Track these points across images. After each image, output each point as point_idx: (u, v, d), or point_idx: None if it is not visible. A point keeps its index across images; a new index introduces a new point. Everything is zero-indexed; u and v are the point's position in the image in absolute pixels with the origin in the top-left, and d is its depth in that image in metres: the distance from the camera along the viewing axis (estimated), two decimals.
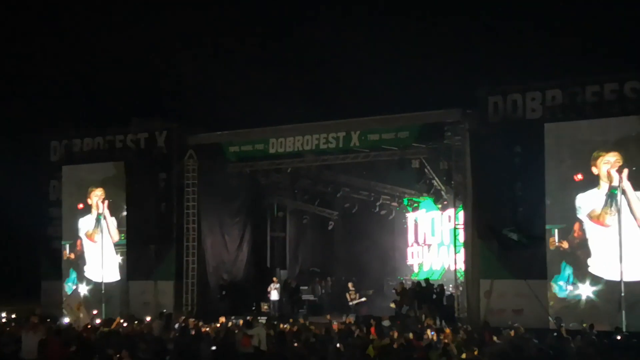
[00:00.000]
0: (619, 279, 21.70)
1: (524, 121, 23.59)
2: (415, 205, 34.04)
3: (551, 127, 22.99)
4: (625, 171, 21.76)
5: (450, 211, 27.95)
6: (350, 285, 30.05)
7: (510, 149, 23.62)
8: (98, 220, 30.03)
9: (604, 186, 22.23)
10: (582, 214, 22.55)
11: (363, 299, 29.84)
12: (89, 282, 30.23)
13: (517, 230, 22.95)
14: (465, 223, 24.88)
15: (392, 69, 38.72)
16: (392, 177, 31.63)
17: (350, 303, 29.31)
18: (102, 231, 29.77)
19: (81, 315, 25.62)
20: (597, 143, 22.34)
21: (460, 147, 24.95)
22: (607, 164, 22.16)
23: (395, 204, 34.34)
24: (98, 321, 25.74)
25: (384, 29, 41.27)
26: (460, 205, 25.33)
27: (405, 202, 34.18)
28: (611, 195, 22.06)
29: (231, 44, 40.93)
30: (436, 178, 28.95)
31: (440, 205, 31.54)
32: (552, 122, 23.03)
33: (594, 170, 22.40)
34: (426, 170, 28.46)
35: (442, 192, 29.79)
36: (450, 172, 26.05)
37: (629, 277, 21.57)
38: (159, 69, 39.91)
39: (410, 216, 34.63)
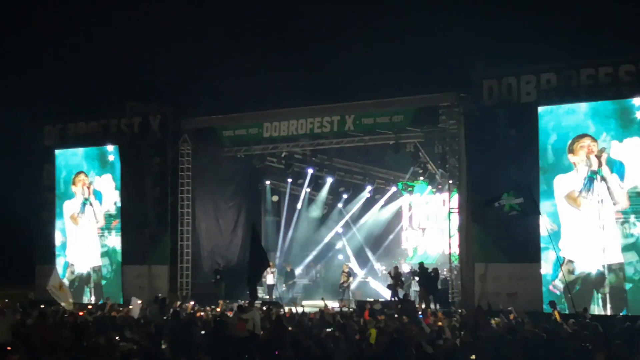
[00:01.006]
0: (592, 263, 22.07)
1: (519, 104, 23.57)
2: (410, 189, 34.00)
3: (545, 111, 22.98)
4: (604, 155, 21.88)
5: (445, 195, 27.99)
6: (345, 267, 30.10)
7: (505, 132, 23.59)
8: (83, 205, 30.12)
9: (581, 170, 22.37)
10: (558, 195, 22.70)
11: (353, 282, 29.84)
12: (73, 265, 30.42)
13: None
14: (460, 207, 24.90)
15: (386, 53, 38.62)
16: (387, 161, 31.61)
17: (341, 284, 29.35)
18: (92, 215, 29.89)
19: (66, 295, 25.58)
20: (589, 126, 22.37)
21: (455, 131, 24.95)
22: (584, 148, 22.26)
23: (389, 187, 34.33)
24: (90, 307, 25.80)
25: (379, 13, 41.13)
26: (455, 189, 25.34)
27: (400, 186, 34.16)
28: (590, 180, 22.17)
29: (226, 28, 40.78)
30: (430, 162, 28.96)
31: (434, 189, 31.55)
32: (546, 105, 23.02)
33: (571, 157, 22.54)
34: (420, 154, 28.47)
35: (437, 176, 29.80)
36: (444, 155, 26.08)
37: (607, 261, 21.87)
38: (153, 53, 39.76)
39: (405, 200, 34.62)
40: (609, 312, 21.38)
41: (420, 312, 21.62)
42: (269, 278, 30.13)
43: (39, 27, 41.54)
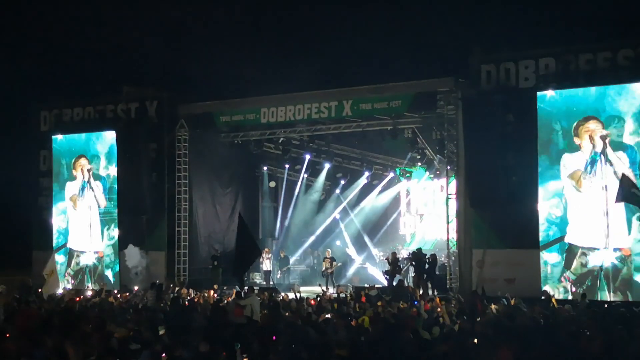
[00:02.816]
0: (603, 254, 21.83)
1: (517, 90, 23.49)
2: (408, 175, 34.00)
3: (544, 96, 22.90)
4: (608, 139, 21.86)
5: (443, 180, 27.94)
6: (327, 252, 30.02)
7: (503, 117, 23.51)
8: (82, 189, 30.06)
9: (586, 151, 22.28)
10: (563, 175, 22.60)
11: (339, 264, 29.78)
12: (75, 252, 30.36)
13: None
14: (458, 192, 24.85)
15: (385, 38, 38.51)
16: (385, 146, 31.55)
17: (324, 270, 29.26)
18: (92, 199, 29.87)
19: (51, 283, 25.47)
20: (588, 111, 22.29)
21: (453, 116, 24.88)
22: (588, 131, 22.19)
23: (387, 173, 34.30)
24: (89, 293, 25.77)
25: None
26: (453, 175, 25.29)
27: (398, 171, 34.13)
28: (592, 161, 22.11)
29: (223, 12, 40.61)
30: (428, 147, 28.92)
31: (432, 175, 31.53)
32: (545, 90, 22.92)
33: (576, 140, 22.43)
34: (418, 139, 28.42)
35: (435, 162, 29.76)
36: (442, 141, 26.01)
37: (612, 245, 21.72)
38: (150, 38, 39.59)
39: (403, 186, 34.60)
40: (616, 299, 21.27)
41: (415, 298, 21.60)
42: (266, 264, 30.13)
43: (35, 13, 41.38)
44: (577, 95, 22.54)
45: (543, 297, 20.63)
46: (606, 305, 20.14)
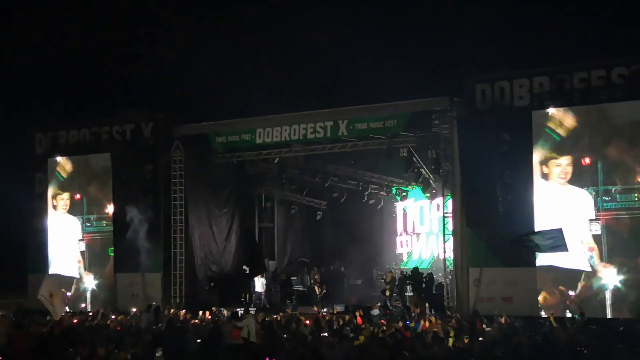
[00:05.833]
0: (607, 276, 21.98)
1: (512, 108, 23.53)
2: (404, 194, 34.01)
3: (539, 114, 22.94)
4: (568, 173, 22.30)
5: (439, 200, 27.95)
6: (317, 277, 29.86)
7: (498, 136, 23.55)
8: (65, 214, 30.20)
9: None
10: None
11: (324, 290, 29.68)
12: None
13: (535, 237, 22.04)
14: (454, 211, 24.81)
15: (379, 58, 38.60)
16: (381, 166, 31.57)
17: (317, 294, 29.07)
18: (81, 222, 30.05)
19: (56, 305, 25.29)
20: (584, 129, 22.36)
21: (448, 135, 24.87)
22: (559, 166, 22.57)
23: (383, 193, 34.33)
24: (86, 315, 25.62)
25: (371, 17, 41.15)
26: (449, 194, 25.26)
27: (394, 191, 34.14)
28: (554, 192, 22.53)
29: (217, 33, 40.73)
30: (424, 167, 28.90)
31: (428, 194, 31.52)
32: (539, 109, 22.97)
33: (544, 169, 22.79)
34: (414, 158, 28.41)
35: (431, 181, 29.74)
36: (438, 160, 25.98)
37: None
38: (144, 60, 39.66)
39: (399, 205, 34.62)
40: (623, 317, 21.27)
41: (414, 317, 21.54)
42: (258, 285, 30.00)
43: (30, 36, 41.45)
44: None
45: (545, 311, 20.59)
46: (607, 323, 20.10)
